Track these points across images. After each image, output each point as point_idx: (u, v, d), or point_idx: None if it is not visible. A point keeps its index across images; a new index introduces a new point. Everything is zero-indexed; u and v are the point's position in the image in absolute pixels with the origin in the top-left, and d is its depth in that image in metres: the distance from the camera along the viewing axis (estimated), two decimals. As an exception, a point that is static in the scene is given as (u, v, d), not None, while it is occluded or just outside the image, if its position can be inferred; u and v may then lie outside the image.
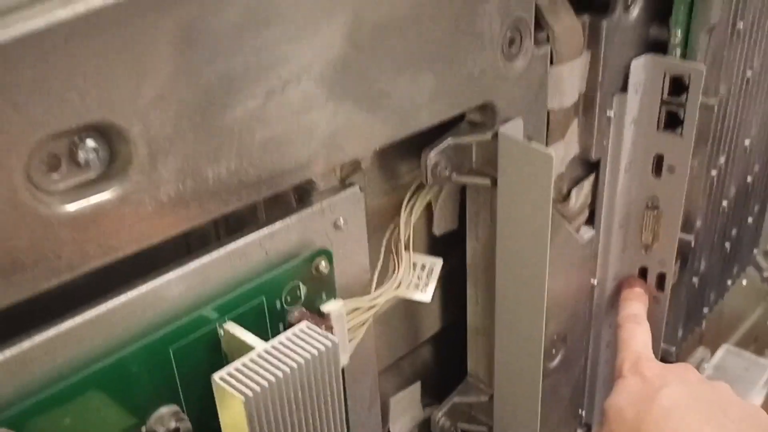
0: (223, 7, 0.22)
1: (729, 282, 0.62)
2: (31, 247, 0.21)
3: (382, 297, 0.33)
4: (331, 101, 0.27)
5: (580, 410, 0.54)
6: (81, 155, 0.21)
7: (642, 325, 0.46)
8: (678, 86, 0.44)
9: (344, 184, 0.31)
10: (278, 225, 0.28)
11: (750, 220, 0.61)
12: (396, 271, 0.35)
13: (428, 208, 0.39)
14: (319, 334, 0.26)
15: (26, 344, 0.22)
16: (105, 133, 0.22)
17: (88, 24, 0.20)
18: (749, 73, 0.49)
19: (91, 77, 0.20)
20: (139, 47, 0.21)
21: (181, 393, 0.26)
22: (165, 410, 0.26)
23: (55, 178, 0.21)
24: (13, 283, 0.21)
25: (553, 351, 0.48)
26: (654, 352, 0.46)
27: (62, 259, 0.21)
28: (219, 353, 0.27)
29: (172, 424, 0.26)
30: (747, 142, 0.54)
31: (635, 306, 0.48)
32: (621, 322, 0.47)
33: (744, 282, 0.79)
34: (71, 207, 0.21)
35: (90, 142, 0.21)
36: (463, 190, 0.40)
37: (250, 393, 0.24)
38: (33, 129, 0.20)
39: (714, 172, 0.50)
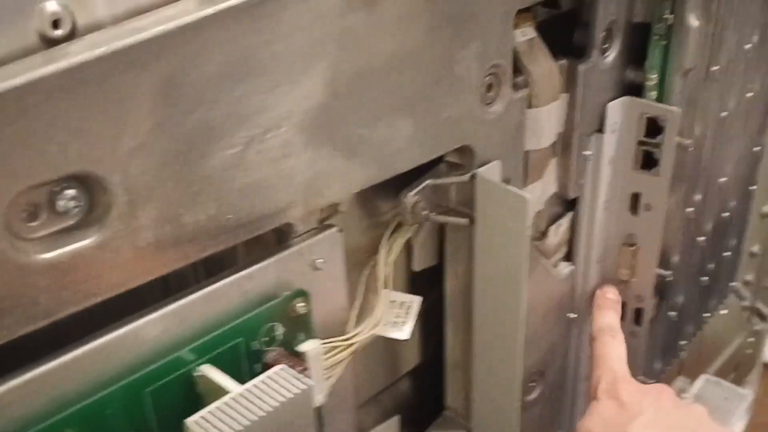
0: (204, 61, 0.23)
1: (706, 315, 0.63)
2: (8, 293, 0.21)
3: (360, 336, 0.34)
4: (310, 147, 0.28)
5: (558, 443, 0.54)
6: (60, 204, 0.22)
7: (617, 338, 0.45)
8: (654, 127, 0.45)
9: (323, 225, 0.31)
10: (256, 267, 0.29)
11: (727, 253, 0.62)
12: (374, 310, 0.35)
13: (407, 245, 0.39)
14: (293, 377, 0.27)
15: (2, 388, 0.22)
16: (85, 182, 0.22)
17: (69, 79, 0.20)
18: (724, 114, 0.51)
19: (72, 130, 0.21)
20: (120, 100, 0.22)
21: (156, 435, 0.26)
22: (140, 452, 0.26)
23: (34, 227, 0.22)
24: (-10, 330, 0.21)
25: (531, 385, 0.48)
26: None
27: (39, 306, 0.22)
28: (195, 395, 0.27)
29: (147, 466, 0.26)
30: (722, 179, 0.55)
31: (609, 315, 0.47)
32: (595, 335, 0.46)
33: (724, 311, 0.80)
34: (49, 255, 0.22)
35: (70, 192, 0.22)
36: (442, 227, 0.40)
37: (223, 438, 0.24)
38: (14, 181, 0.20)
39: (690, 210, 0.51)
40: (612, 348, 0.44)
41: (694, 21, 0.43)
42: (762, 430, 1.26)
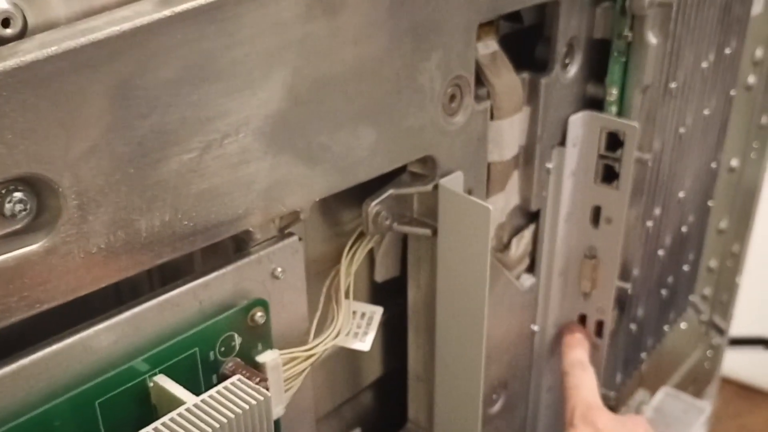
0: (159, 64, 0.23)
1: (666, 327, 0.64)
2: (-50, 300, 0.20)
3: (320, 346, 0.33)
4: (270, 154, 0.27)
5: (521, 456, 0.54)
6: (7, 207, 0.21)
7: (588, 371, 0.47)
8: (614, 141, 0.45)
9: (283, 233, 0.31)
10: (214, 275, 0.28)
11: (686, 267, 0.63)
12: (335, 320, 0.35)
13: (370, 255, 0.39)
14: (250, 388, 0.26)
15: (-58, 399, 0.21)
16: (33, 185, 0.21)
17: (18, 78, 0.20)
18: (682, 130, 0.52)
19: (20, 131, 0.20)
20: (71, 101, 0.21)
21: (106, 447, 0.25)
22: (89, 465, 0.25)
23: (-20, 231, 0.21)
24: (-70, 338, 0.20)
25: (494, 397, 0.48)
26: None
27: (-17, 313, 0.21)
28: (148, 406, 0.26)
29: (96, 480, 0.25)
30: (681, 194, 0.56)
31: (578, 352, 0.49)
32: (567, 369, 0.48)
33: (683, 325, 0.81)
34: (-5, 259, 0.21)
35: (17, 195, 0.21)
36: (405, 237, 0.40)
37: (176, 449, 0.23)
38: (-43, 182, 0.19)
39: (650, 223, 0.52)
40: (584, 380, 0.46)
41: (652, 38, 0.44)
42: (720, 442, 1.28)
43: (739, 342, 1.31)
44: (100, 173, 0.22)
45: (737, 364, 1.36)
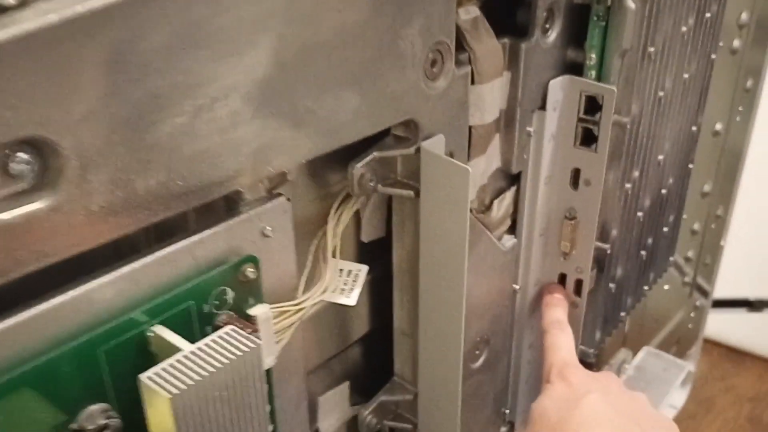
0: (152, 31, 0.24)
1: (645, 288, 0.66)
2: (-38, 253, 0.22)
3: (308, 301, 0.35)
4: (257, 118, 0.29)
5: (503, 409, 0.57)
6: (13, 167, 0.22)
7: (565, 331, 0.50)
8: (593, 105, 0.47)
9: (272, 194, 0.33)
10: (207, 233, 0.30)
11: (665, 229, 0.64)
12: (322, 277, 0.37)
13: (356, 216, 0.41)
14: (243, 336, 0.28)
15: (-42, 346, 0.23)
16: (37, 146, 0.23)
17: (20, 46, 0.21)
18: (661, 94, 0.53)
19: (24, 95, 0.22)
20: (70, 67, 0.22)
21: (111, 392, 0.27)
22: (94, 408, 0.27)
23: (-12, 189, 0.22)
24: (-55, 288, 0.22)
25: (477, 352, 0.50)
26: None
27: (-6, 265, 0.23)
28: (148, 355, 0.28)
29: (101, 421, 0.27)
30: (660, 157, 0.57)
31: (557, 312, 0.51)
32: (546, 328, 0.50)
33: (666, 286, 0.83)
34: (4, 216, 0.23)
35: (22, 155, 0.23)
36: (389, 199, 0.42)
37: (176, 391, 0.25)
38: (-33, 143, 0.21)
39: (628, 185, 0.54)
40: (561, 339, 0.49)
41: (631, 3, 0.45)
42: (706, 405, 1.32)
43: (722, 304, 1.34)
44: (99, 135, 0.24)
45: (723, 326, 1.39)
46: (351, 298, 0.38)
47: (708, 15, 0.54)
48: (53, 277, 0.26)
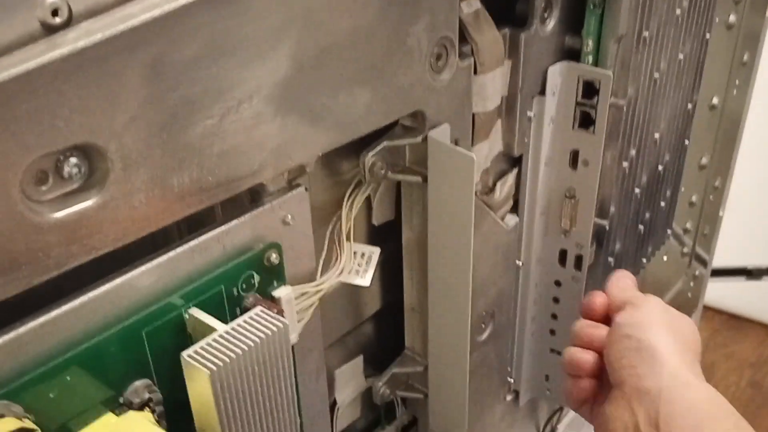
0: (185, 43, 0.26)
1: (644, 260, 0.68)
2: (25, 249, 0.25)
3: (326, 283, 0.38)
4: (278, 116, 0.31)
5: (509, 378, 0.60)
6: (66, 170, 0.25)
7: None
8: (590, 89, 0.49)
9: (291, 185, 0.35)
10: (234, 223, 0.32)
11: (662, 204, 0.66)
12: (338, 260, 0.39)
13: (368, 201, 0.43)
14: (271, 317, 0.31)
15: (21, 329, 0.26)
16: (86, 151, 0.25)
17: (70, 63, 0.23)
18: (656, 75, 0.55)
19: (75, 106, 0.24)
20: (114, 80, 0.25)
21: (153, 369, 0.30)
22: (139, 384, 0.30)
23: (44, 190, 0.25)
24: (11, 280, 0.24)
25: (483, 325, 0.53)
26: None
27: (51, 258, 0.25)
28: (185, 335, 0.31)
29: (146, 395, 0.30)
30: (656, 135, 0.59)
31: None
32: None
33: (665, 257, 0.85)
34: (58, 214, 0.25)
35: (73, 159, 0.25)
36: (398, 185, 0.44)
37: (214, 367, 0.28)
38: (27, 152, 0.23)
39: (626, 164, 0.56)
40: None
41: (626, -9, 0.47)
42: (707, 371, 1.34)
43: (721, 273, 1.36)
44: (140, 139, 0.26)
45: (723, 294, 1.42)
46: (365, 279, 0.40)
47: (702, -4, 0.56)
48: (95, 268, 0.29)
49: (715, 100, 0.77)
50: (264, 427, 0.31)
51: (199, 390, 0.29)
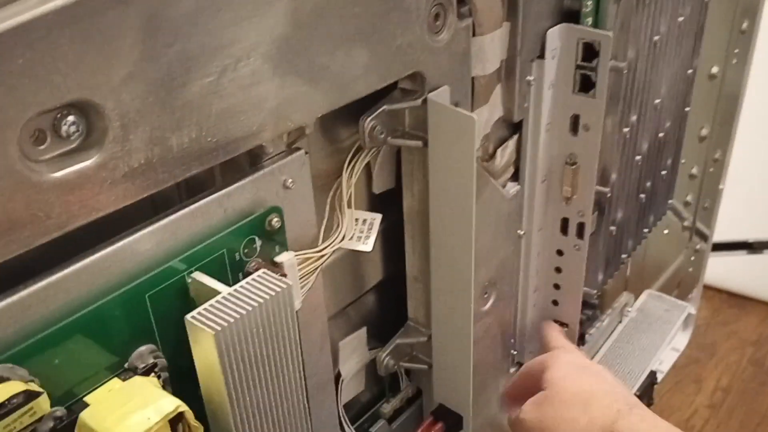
0: (181, -2, 0.26)
1: (645, 230, 0.68)
2: (25, 209, 0.24)
3: (328, 248, 0.38)
4: (277, 75, 0.31)
5: (512, 351, 0.59)
6: (63, 129, 0.25)
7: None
8: (590, 52, 0.48)
9: (291, 148, 0.35)
10: (234, 186, 0.32)
11: (663, 173, 0.66)
12: (340, 226, 0.39)
13: (368, 168, 0.43)
14: (275, 278, 0.30)
15: (23, 293, 0.26)
16: (83, 109, 0.25)
17: (65, 16, 0.23)
18: (656, 38, 0.54)
19: (70, 62, 0.24)
20: (110, 34, 0.24)
21: (156, 334, 0.30)
22: (143, 349, 0.30)
23: (42, 150, 0.25)
24: (11, 241, 0.24)
25: (485, 295, 0.53)
26: (576, 294, 0.54)
27: (51, 219, 0.25)
28: (188, 299, 0.31)
29: (150, 360, 0.30)
30: (657, 101, 0.59)
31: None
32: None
33: (666, 231, 0.85)
34: (57, 174, 0.25)
35: (71, 118, 0.25)
36: (398, 151, 0.44)
37: (219, 327, 0.28)
38: (25, 108, 0.23)
39: (626, 130, 0.55)
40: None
41: (625, -50, 0.46)
42: (709, 350, 1.35)
43: (722, 247, 1.36)
44: (137, 97, 0.26)
45: (724, 271, 1.41)
46: (367, 245, 0.40)
47: (702, -43, 0.55)
48: (97, 231, 0.28)
49: (714, 70, 0.77)
50: (270, 391, 0.31)
51: (204, 352, 0.29)
